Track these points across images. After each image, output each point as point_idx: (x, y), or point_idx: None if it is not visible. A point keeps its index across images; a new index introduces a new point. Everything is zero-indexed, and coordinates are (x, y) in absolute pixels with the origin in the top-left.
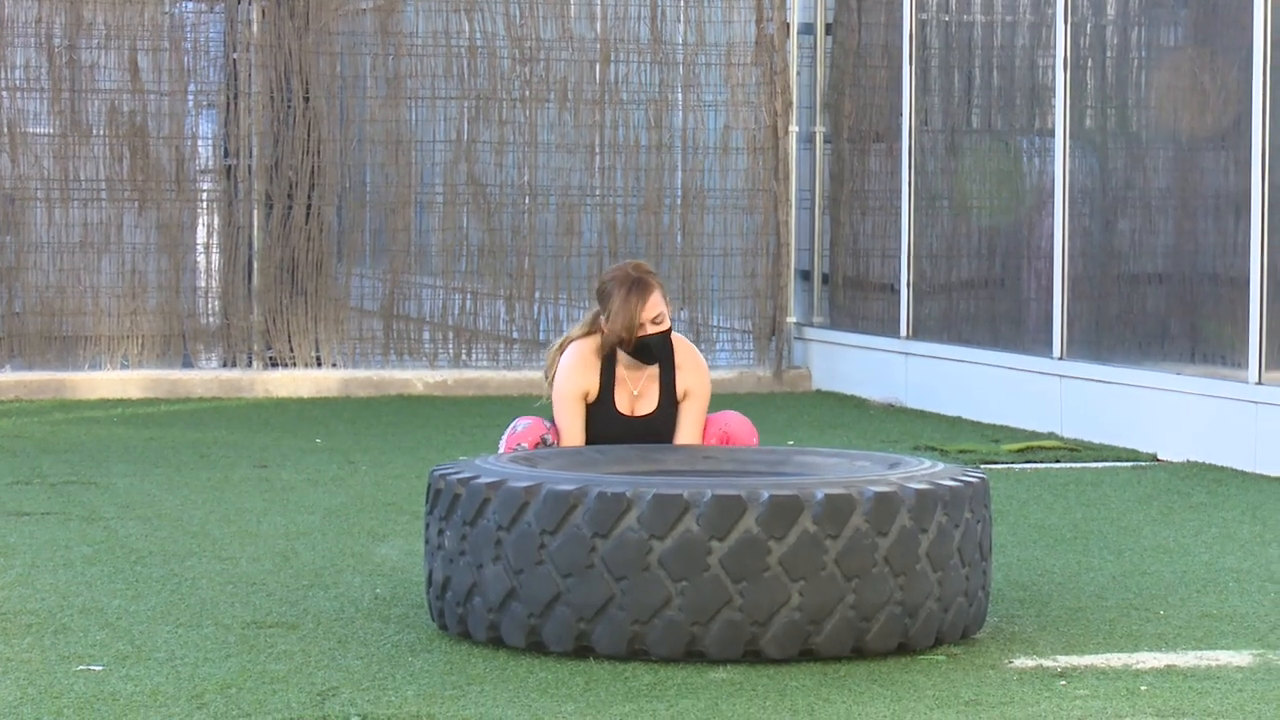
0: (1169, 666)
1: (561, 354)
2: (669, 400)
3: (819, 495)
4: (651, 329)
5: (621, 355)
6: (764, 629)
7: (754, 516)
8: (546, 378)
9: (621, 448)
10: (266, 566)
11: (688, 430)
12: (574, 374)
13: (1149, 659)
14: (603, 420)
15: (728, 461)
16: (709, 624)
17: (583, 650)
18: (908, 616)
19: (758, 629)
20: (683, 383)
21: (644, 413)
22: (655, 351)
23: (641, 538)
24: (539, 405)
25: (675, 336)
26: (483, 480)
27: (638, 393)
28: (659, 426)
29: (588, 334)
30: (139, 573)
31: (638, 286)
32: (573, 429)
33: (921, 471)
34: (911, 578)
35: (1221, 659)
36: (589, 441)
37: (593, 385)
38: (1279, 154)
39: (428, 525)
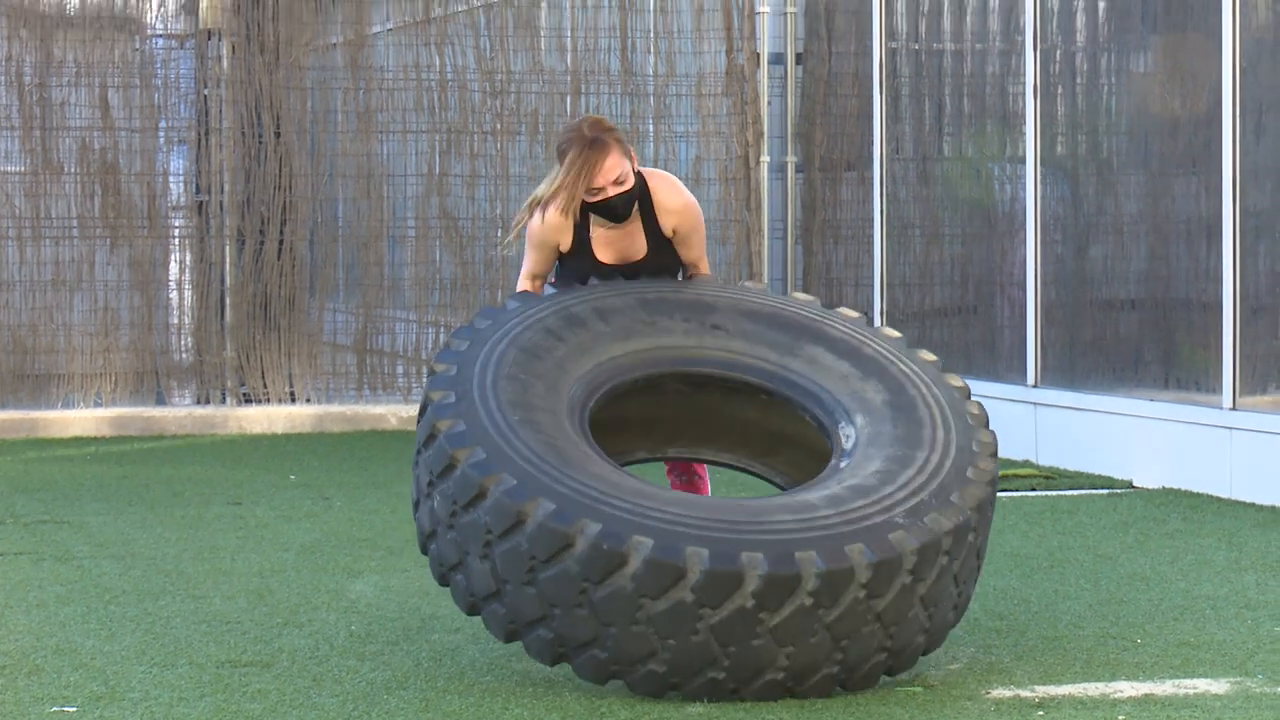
0: (1147, 695)
1: (530, 214)
2: (657, 243)
3: (819, 566)
4: (613, 190)
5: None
6: (746, 685)
7: (750, 590)
8: (513, 236)
9: (625, 318)
10: (240, 604)
11: (694, 269)
12: (547, 229)
13: (1127, 688)
14: (585, 265)
15: (740, 337)
16: (690, 679)
17: (560, 659)
18: (894, 657)
19: (740, 684)
20: (666, 224)
21: (636, 258)
22: (620, 212)
23: (633, 593)
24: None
25: (650, 174)
26: (476, 462)
27: (607, 248)
28: (654, 270)
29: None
30: (113, 612)
31: (594, 146)
32: (538, 264)
33: (935, 485)
34: (904, 625)
35: (1199, 687)
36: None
37: (566, 234)
38: (1250, 178)
39: (416, 463)
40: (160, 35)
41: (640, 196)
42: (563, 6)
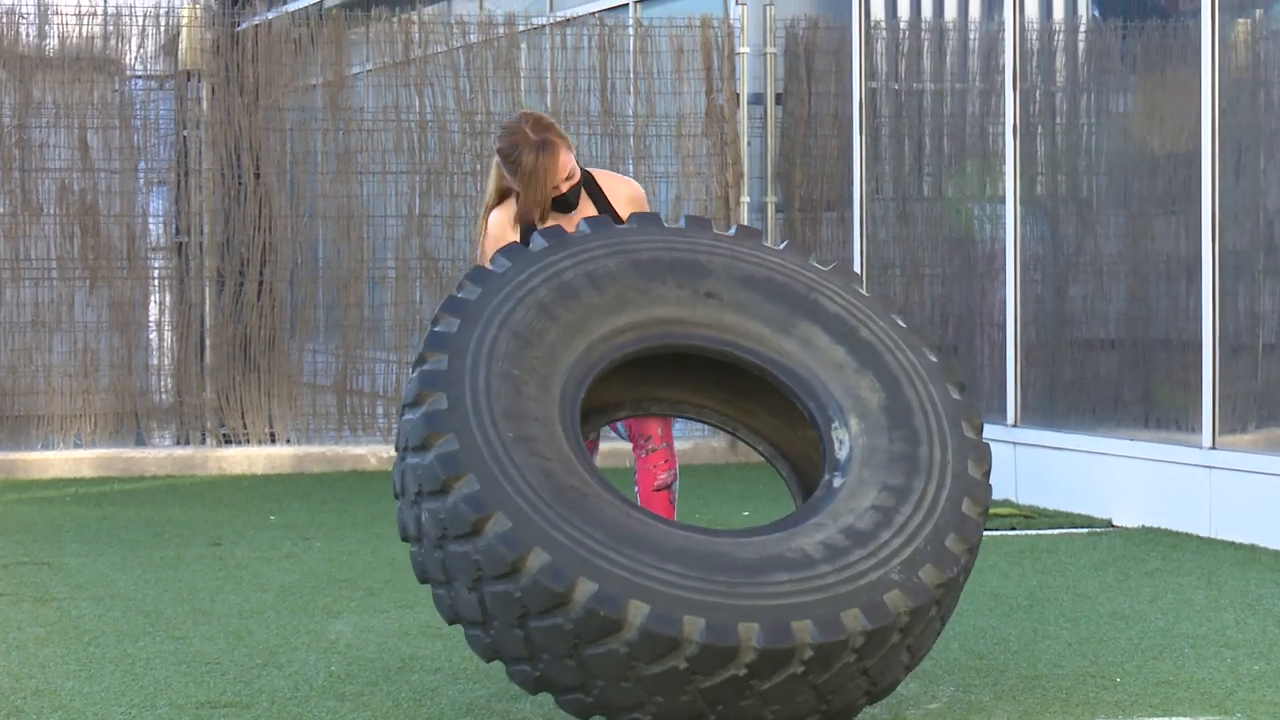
0: None
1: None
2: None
3: (814, 638)
4: (565, 186)
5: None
6: None
7: (744, 661)
8: (477, 247)
9: (618, 285)
10: (220, 645)
11: None
12: (504, 229)
13: None
14: None
15: (734, 308)
16: None
17: (541, 690)
18: (875, 695)
19: None
20: (620, 208)
21: None
22: (571, 200)
23: (626, 656)
24: None
25: (595, 172)
26: (470, 494)
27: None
28: None
29: (501, 197)
30: (92, 653)
31: (544, 150)
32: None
33: (927, 530)
34: (889, 671)
35: None
36: None
37: (517, 235)
38: (1230, 218)
39: (402, 454)
40: (140, 76)
41: (588, 185)
42: (542, 47)
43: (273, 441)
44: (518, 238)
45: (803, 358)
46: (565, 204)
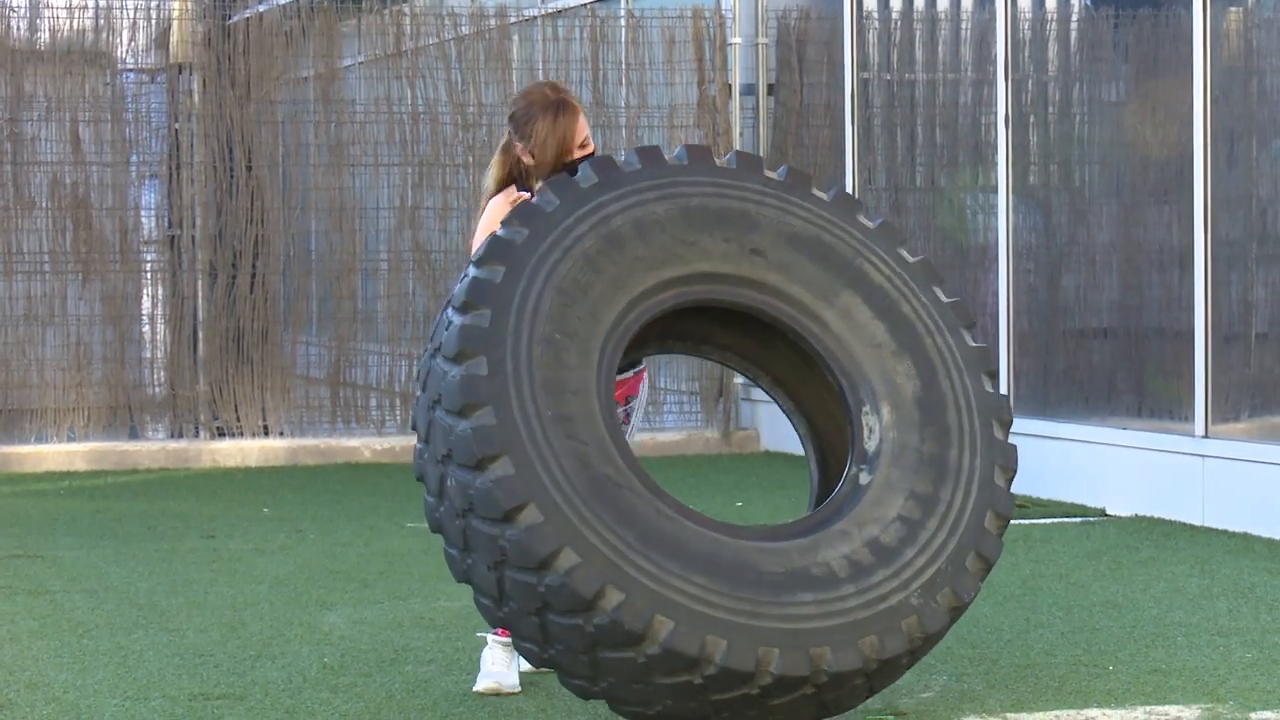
0: None
1: (488, 201)
2: None
3: (831, 665)
4: (579, 154)
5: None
6: None
7: (759, 684)
8: (471, 238)
9: (665, 237)
10: (214, 637)
11: None
12: (502, 207)
13: (1099, 715)
14: None
15: (777, 267)
16: None
17: (546, 666)
18: (874, 692)
19: None
20: None
21: None
22: None
23: (643, 666)
24: None
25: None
26: (503, 478)
27: None
28: None
29: (501, 186)
30: (85, 646)
31: (563, 110)
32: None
33: (948, 553)
34: (890, 681)
35: (1171, 714)
36: None
37: None
38: (1222, 207)
39: (425, 403)
40: (131, 70)
41: None
42: (534, 39)
43: (266, 434)
44: None
45: (841, 331)
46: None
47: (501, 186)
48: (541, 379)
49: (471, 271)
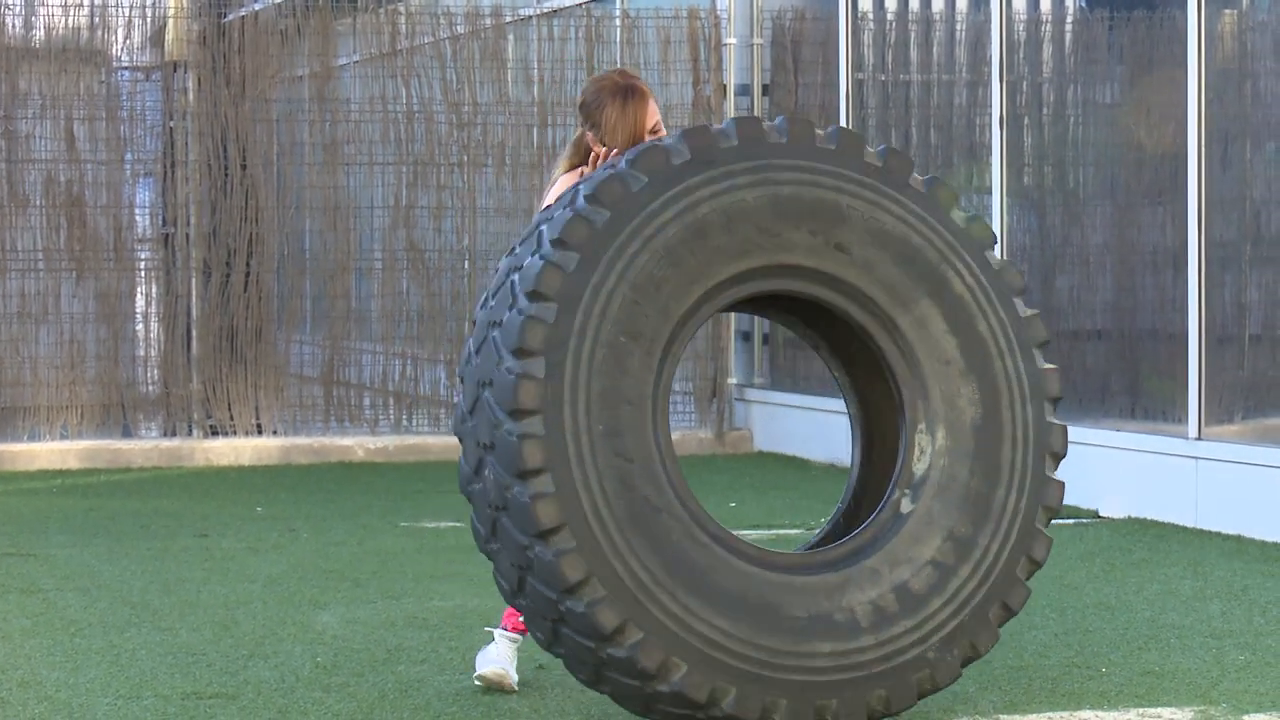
0: None
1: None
2: None
3: (837, 716)
4: (650, 139)
5: None
6: None
7: (775, 716)
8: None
9: (749, 227)
10: (206, 636)
11: None
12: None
13: (1091, 717)
14: None
15: (859, 266)
16: None
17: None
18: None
19: None
20: None
21: None
22: None
23: (650, 696)
24: None
25: None
26: (541, 494)
27: None
28: None
29: (571, 168)
30: (78, 644)
31: (632, 94)
32: None
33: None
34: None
35: (1164, 716)
36: None
37: None
38: (1216, 209)
39: (473, 358)
40: (126, 68)
41: None
42: (529, 38)
43: (259, 433)
44: None
45: (913, 340)
46: None
47: (572, 165)
48: (599, 389)
49: (546, 252)
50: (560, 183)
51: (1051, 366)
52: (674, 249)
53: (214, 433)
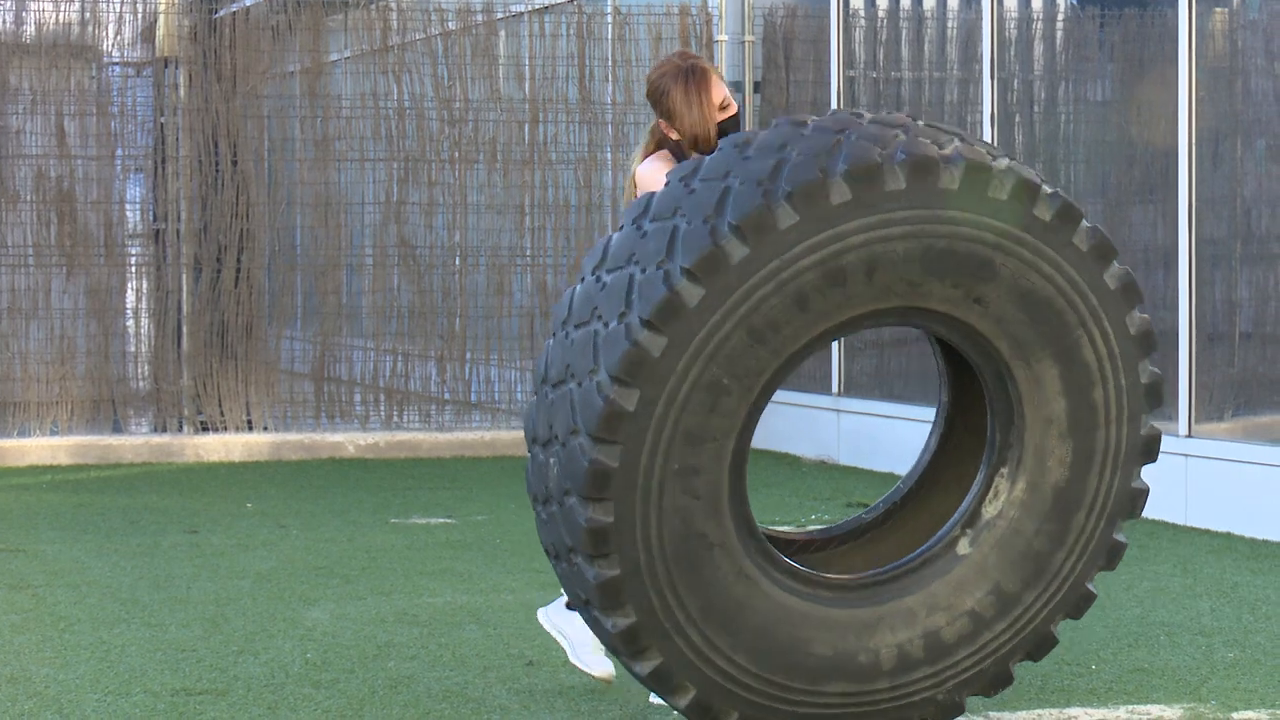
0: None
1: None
2: None
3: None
4: (721, 116)
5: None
6: None
7: None
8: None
9: (892, 276)
10: (196, 632)
11: None
12: (658, 170)
13: (1081, 714)
14: None
15: (993, 319)
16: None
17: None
18: None
19: None
20: None
21: None
22: None
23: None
24: None
25: None
26: (596, 525)
27: None
28: None
29: (652, 153)
30: (67, 640)
31: (694, 75)
32: None
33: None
34: None
35: (1154, 713)
36: None
37: None
38: (1206, 207)
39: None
40: (117, 63)
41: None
42: (521, 35)
43: (250, 429)
44: None
45: (1024, 393)
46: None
47: (652, 150)
48: (686, 428)
49: (675, 278)
50: (651, 171)
51: (1155, 431)
52: (806, 295)
53: (204, 429)
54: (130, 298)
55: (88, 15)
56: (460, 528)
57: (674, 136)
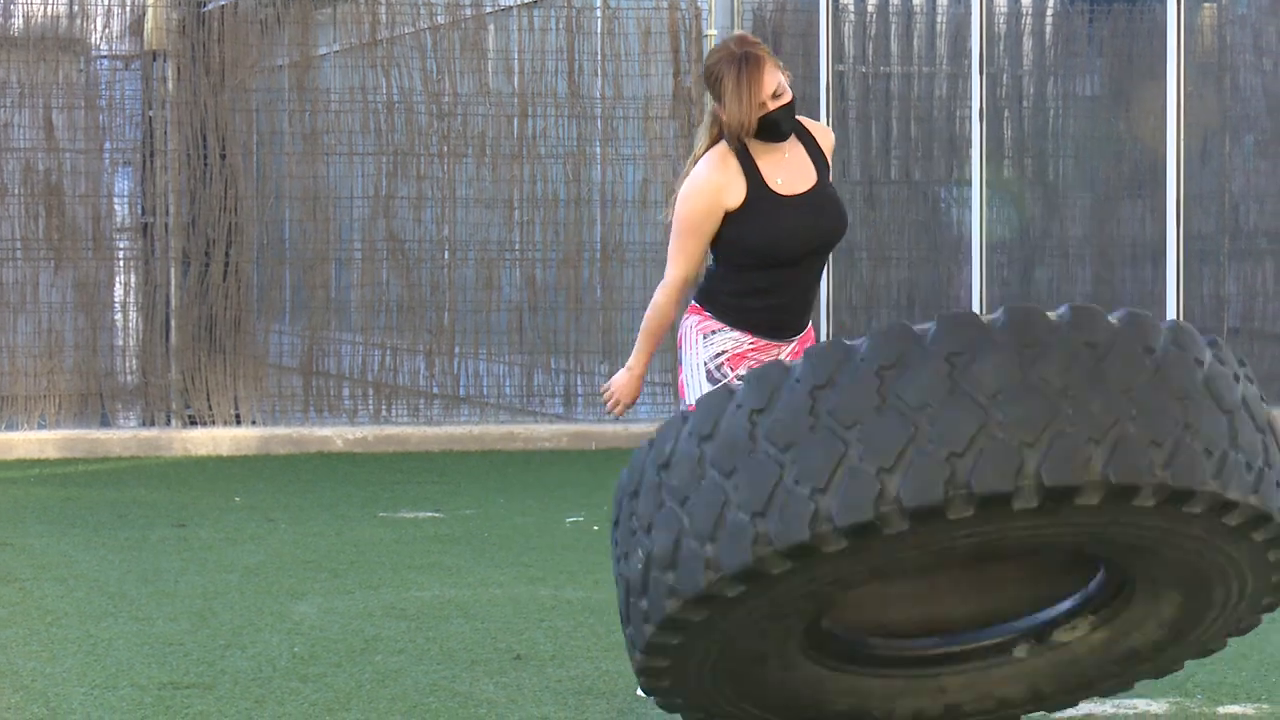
0: (1087, 716)
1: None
2: (824, 170)
3: None
4: (773, 104)
5: (753, 142)
6: None
7: None
8: (668, 204)
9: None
10: (183, 626)
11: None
12: (705, 190)
13: (1066, 710)
14: (768, 208)
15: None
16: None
17: None
18: None
19: None
20: (825, 145)
21: (806, 187)
22: (784, 126)
23: None
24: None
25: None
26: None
27: (781, 180)
28: (821, 201)
29: (712, 142)
30: (54, 634)
31: (747, 62)
32: (692, 258)
33: None
34: None
35: (1139, 708)
36: (760, 242)
37: (734, 185)
38: (1195, 202)
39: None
40: (105, 56)
41: (799, 131)
42: (510, 29)
43: (238, 423)
44: (737, 176)
45: (1137, 592)
46: (776, 130)
47: (712, 139)
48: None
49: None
50: (704, 161)
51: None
52: None
53: (192, 422)
54: (118, 291)
55: (76, 8)
56: (448, 522)
57: (724, 119)
